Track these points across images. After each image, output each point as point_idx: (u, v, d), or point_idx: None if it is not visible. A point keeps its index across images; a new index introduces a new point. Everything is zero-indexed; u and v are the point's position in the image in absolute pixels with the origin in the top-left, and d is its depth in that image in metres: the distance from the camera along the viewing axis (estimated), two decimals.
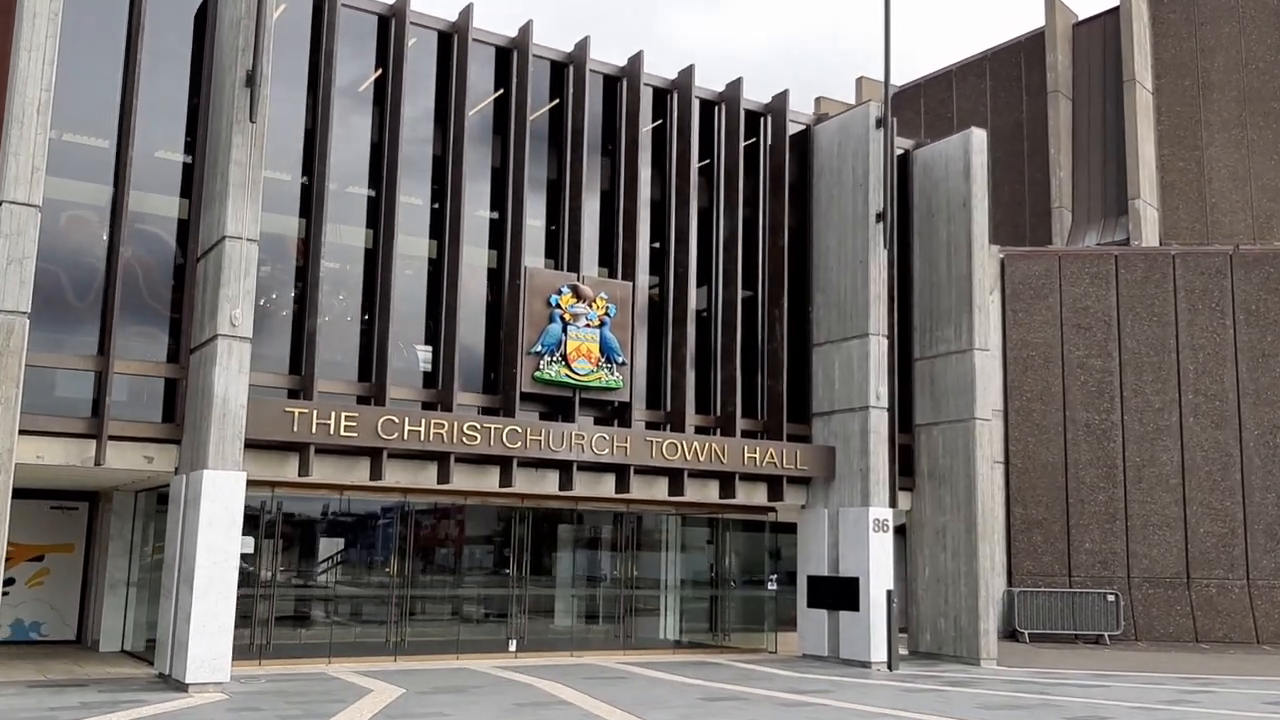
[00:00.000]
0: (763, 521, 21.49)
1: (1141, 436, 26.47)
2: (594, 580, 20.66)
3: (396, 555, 17.88)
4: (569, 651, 18.70)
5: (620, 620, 20.01)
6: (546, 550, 19.83)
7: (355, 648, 17.03)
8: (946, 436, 20.59)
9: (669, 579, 21.83)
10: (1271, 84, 34.27)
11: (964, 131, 20.89)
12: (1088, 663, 20.70)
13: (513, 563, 18.78)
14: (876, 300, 19.46)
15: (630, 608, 20.09)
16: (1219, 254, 27.26)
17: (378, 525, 18.06)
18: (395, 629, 17.46)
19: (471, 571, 19.27)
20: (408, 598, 17.84)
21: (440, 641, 17.88)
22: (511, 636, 18.45)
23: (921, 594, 20.85)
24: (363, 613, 17.90)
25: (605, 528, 20.36)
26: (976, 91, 37.95)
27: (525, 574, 18.91)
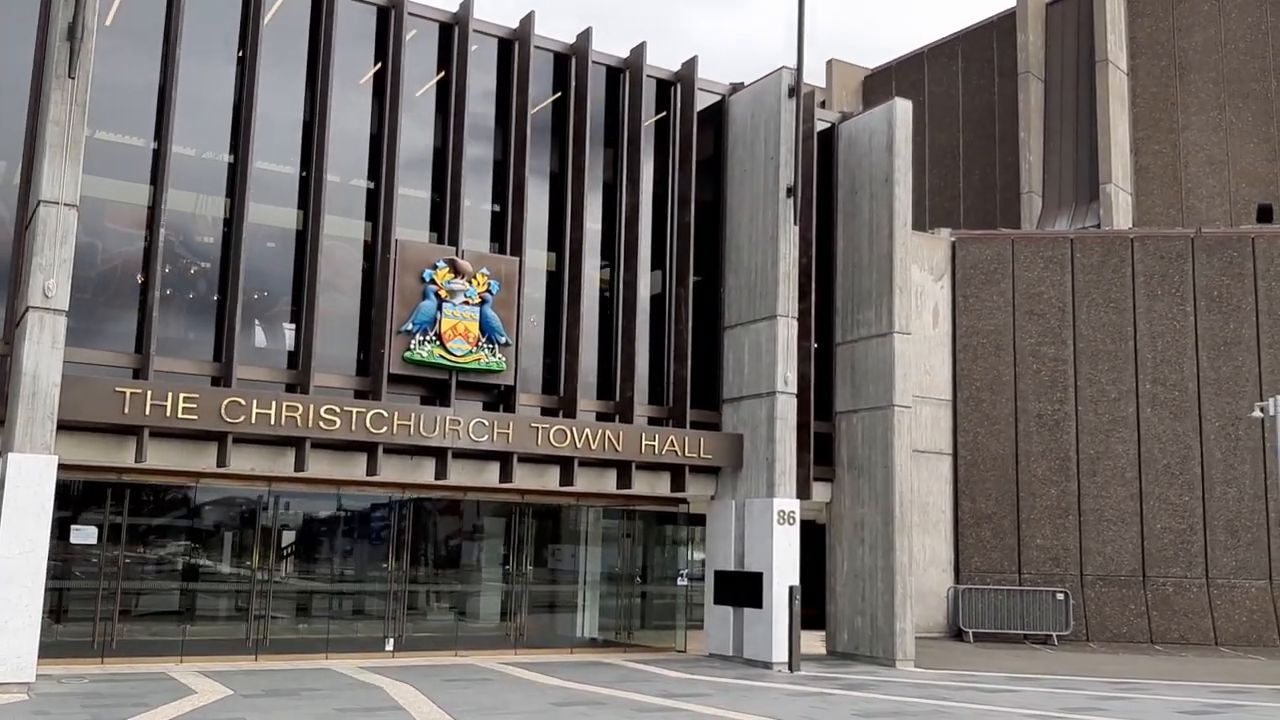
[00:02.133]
0: (676, 514, 20.08)
1: (1096, 428, 24.85)
2: (487, 576, 19.31)
3: (260, 546, 16.58)
4: (454, 651, 17.34)
5: (514, 619, 18.65)
6: (432, 543, 18.51)
7: (212, 646, 15.74)
8: (866, 425, 19.12)
9: (578, 574, 20.46)
10: (1251, 64, 32.44)
11: (887, 103, 19.37)
12: (1019, 665, 19.17)
13: (391, 556, 17.46)
14: (785, 280, 17.99)
15: (525, 605, 18.73)
16: (1180, 237, 25.56)
17: (240, 514, 16.78)
18: (257, 626, 16.17)
19: (347, 565, 17.97)
20: (271, 592, 16.53)
21: (309, 640, 16.56)
22: (389, 635, 17.11)
23: (839, 590, 19.40)
24: (220, 608, 16.64)
25: (501, 520, 19.01)
26: (948, 73, 36.29)
27: (406, 569, 17.58)
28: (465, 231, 16.96)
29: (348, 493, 17.17)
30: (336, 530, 17.95)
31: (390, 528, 17.51)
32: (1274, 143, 31.98)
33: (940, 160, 36.01)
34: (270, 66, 15.81)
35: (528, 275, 17.52)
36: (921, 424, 24.95)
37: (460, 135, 16.86)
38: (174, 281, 15.26)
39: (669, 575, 20.39)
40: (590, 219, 18.00)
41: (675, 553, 20.25)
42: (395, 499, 17.41)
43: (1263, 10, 32.53)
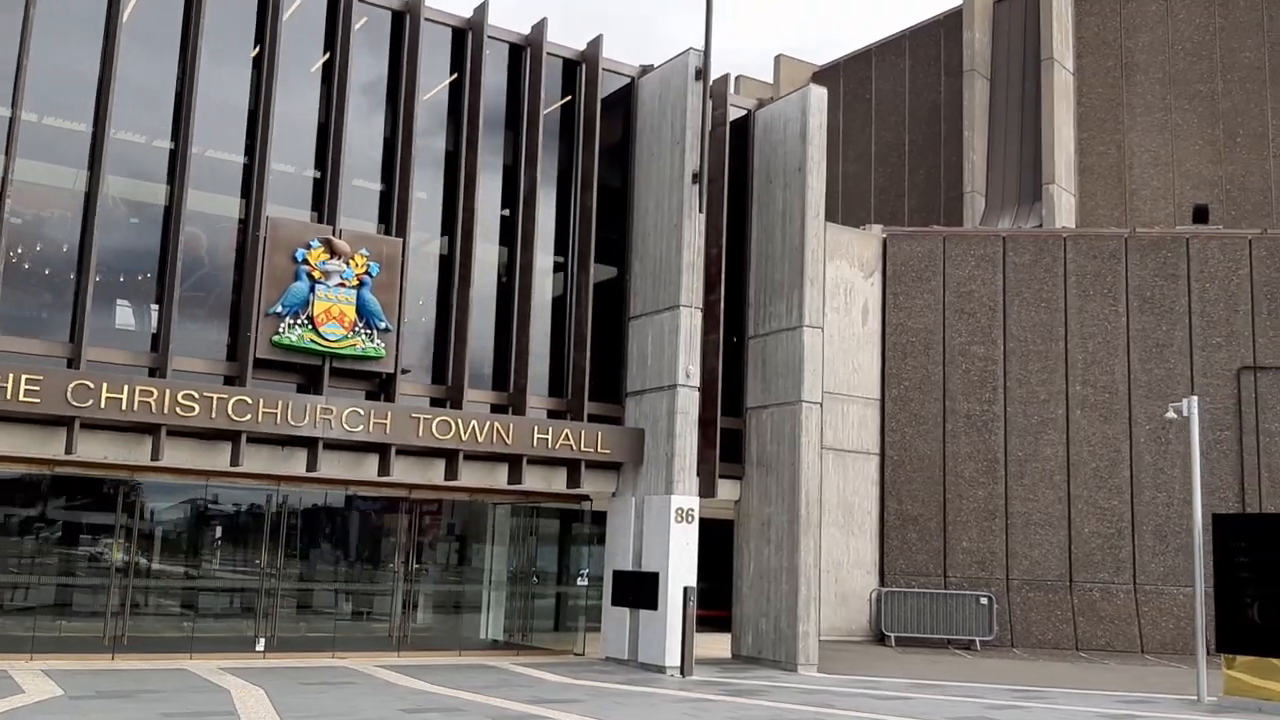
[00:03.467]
0: (581, 511, 19.17)
1: (1025, 429, 24.10)
2: (371, 574, 18.35)
3: (123, 539, 15.57)
4: (331, 653, 16.35)
5: (400, 619, 17.69)
6: (313, 539, 17.54)
7: (65, 644, 14.72)
8: (775, 421, 18.27)
9: (481, 573, 19.56)
10: (1198, 66, 31.79)
11: (802, 89, 18.53)
12: (929, 670, 18.35)
13: (265, 551, 16.46)
14: (689, 269, 17.11)
15: (413, 605, 17.77)
16: (1113, 237, 24.83)
17: (100, 504, 15.76)
18: (115, 624, 15.14)
19: (218, 560, 16.98)
20: (132, 588, 15.52)
21: (171, 639, 15.55)
22: (260, 635, 16.11)
23: (745, 592, 18.53)
24: (79, 604, 15.61)
25: (390, 516, 18.06)
26: (895, 71, 35.51)
27: (281, 565, 16.59)
28: (351, 212, 16.01)
29: (220, 484, 16.17)
30: (209, 522, 16.95)
31: (265, 521, 16.50)
32: (1219, 145, 31.35)
33: (886, 158, 35.24)
34: (136, 34, 14.82)
35: (419, 259, 16.60)
36: (849, 423, 24.18)
37: (342, 111, 15.91)
38: (25, 258, 14.24)
39: (573, 575, 19.48)
40: (485, 201, 17.07)
41: (580, 552, 19.33)
42: (272, 491, 16.41)
43: (1210, 12, 31.89)
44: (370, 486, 16.90)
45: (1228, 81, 31.51)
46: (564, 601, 19.35)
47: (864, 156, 35.80)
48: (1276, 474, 23.33)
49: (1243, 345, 23.78)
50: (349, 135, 15.98)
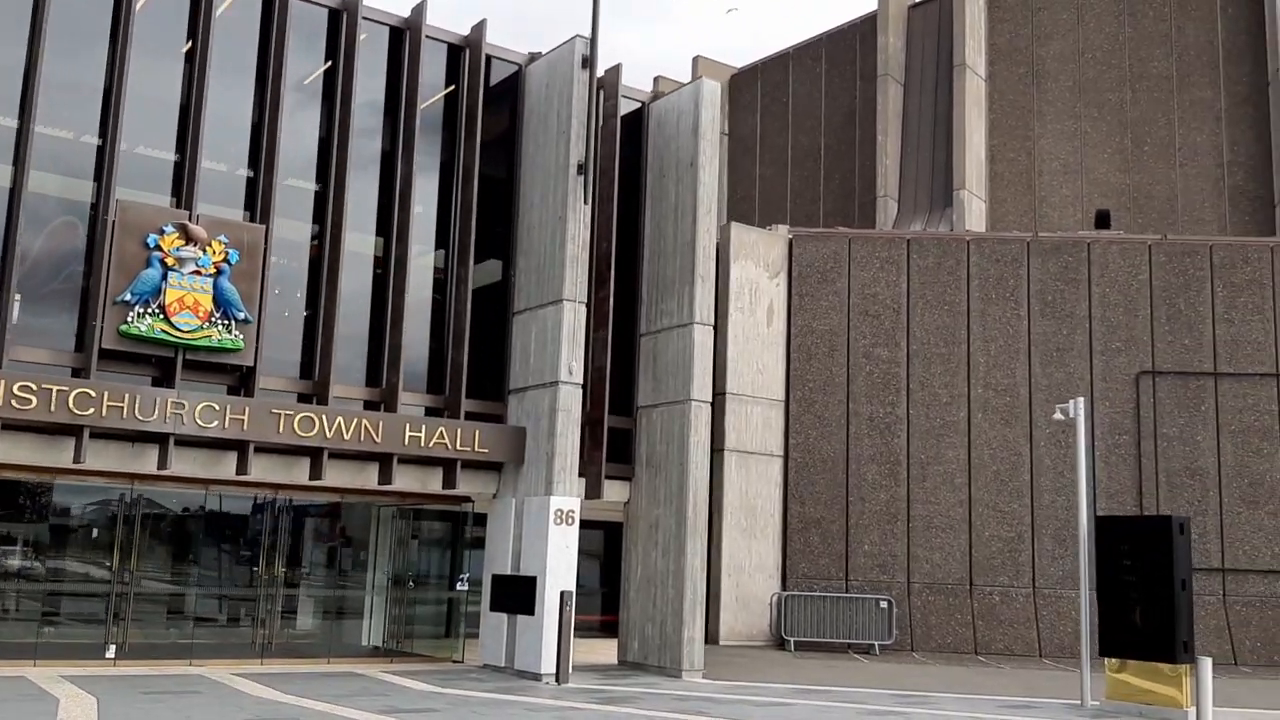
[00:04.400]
0: (464, 513, 18.40)
1: (927, 432, 23.79)
2: (237, 578, 17.43)
3: None
4: (188, 661, 15.40)
5: (265, 625, 16.78)
6: (172, 539, 16.60)
7: None
8: (665, 421, 17.67)
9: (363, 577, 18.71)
10: (1108, 74, 31.91)
11: (695, 82, 17.99)
12: (820, 675, 17.85)
13: (116, 553, 15.47)
14: (573, 262, 16.46)
15: (278, 610, 16.88)
16: (1016, 241, 24.66)
17: None
18: None
19: (67, 562, 15.95)
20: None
21: (15, 645, 14.50)
22: (110, 642, 15.12)
23: (632, 596, 17.90)
24: None
25: (256, 516, 17.16)
26: (812, 75, 35.26)
27: (134, 568, 15.61)
28: (215, 198, 15.13)
29: (70, 482, 15.17)
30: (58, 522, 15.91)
31: (118, 521, 15.51)
32: (1126, 153, 31.47)
33: (802, 162, 34.96)
34: None
35: (288, 248, 15.76)
36: (752, 425, 23.70)
37: (202, 92, 15.03)
38: None
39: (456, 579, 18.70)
40: (359, 190, 16.28)
41: (463, 556, 18.55)
42: (125, 490, 15.44)
43: (1119, 21, 32.04)
44: (232, 486, 15.98)
45: (1136, 90, 31.67)
46: (446, 607, 18.56)
47: (781, 160, 35.48)
48: (1174, 478, 23.27)
49: (1142, 350, 23.70)
50: (211, 117, 15.10)
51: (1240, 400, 23.34)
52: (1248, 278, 23.73)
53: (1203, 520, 23.07)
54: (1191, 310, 23.71)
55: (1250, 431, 23.23)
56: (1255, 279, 23.71)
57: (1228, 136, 30.91)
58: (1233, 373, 23.43)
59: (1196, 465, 23.23)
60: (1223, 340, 23.54)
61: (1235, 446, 23.20)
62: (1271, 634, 22.58)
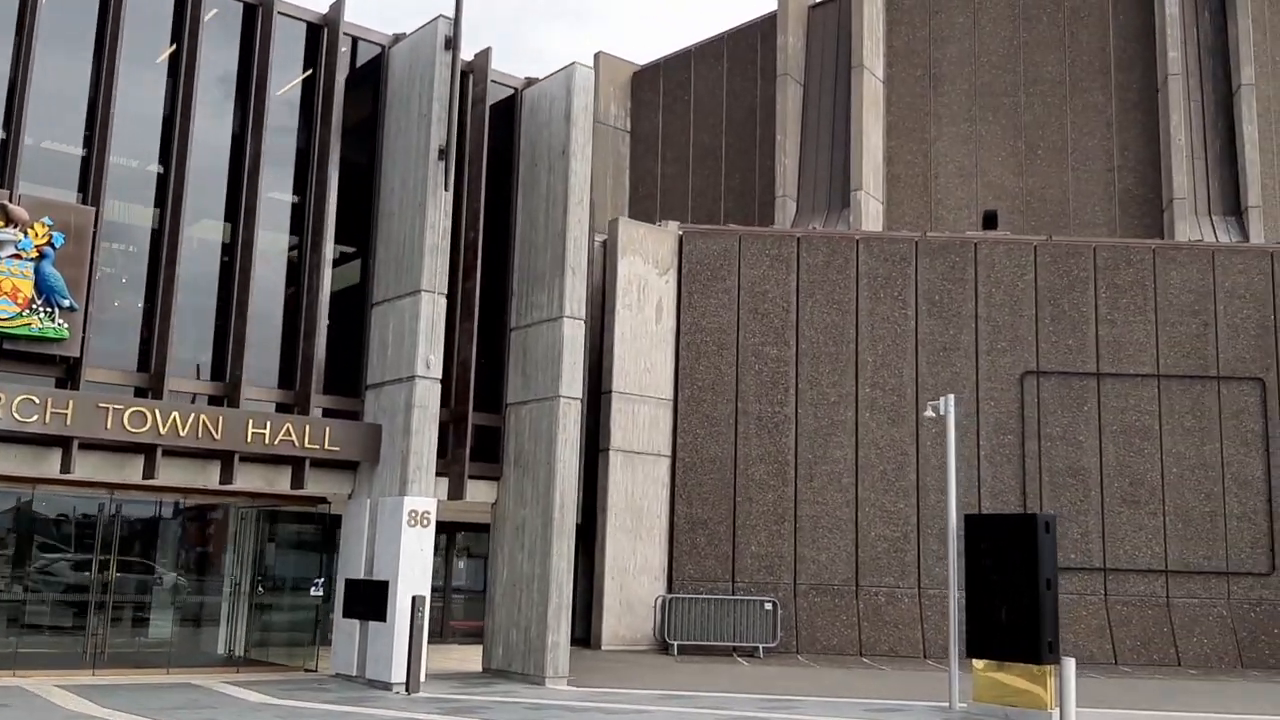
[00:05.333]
0: (322, 515, 17.47)
1: (815, 431, 23.41)
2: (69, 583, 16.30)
3: None
4: (12, 671, 14.24)
5: (97, 633, 15.67)
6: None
7: None
8: (534, 418, 16.94)
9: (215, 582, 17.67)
10: (1003, 79, 31.96)
11: (567, 68, 17.31)
12: (692, 680, 17.27)
13: None
14: (433, 251, 15.67)
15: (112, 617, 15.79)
16: (904, 240, 24.43)
17: None
18: None
19: None
20: None
21: None
22: None
23: (498, 601, 17.12)
24: None
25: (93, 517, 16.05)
26: (714, 74, 34.84)
27: None
28: (39, 177, 14.03)
29: None
30: None
31: None
32: (1020, 156, 31.55)
33: (704, 161, 34.52)
34: None
35: (123, 232, 14.72)
36: (639, 424, 23.09)
37: (28, 63, 13.94)
38: None
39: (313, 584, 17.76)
40: (205, 172, 15.29)
41: (320, 559, 17.62)
42: None
43: (1015, 26, 32.14)
44: (60, 485, 14.87)
45: (1030, 95, 31.78)
46: (304, 613, 17.59)
47: (683, 158, 34.99)
48: (1057, 478, 23.20)
49: (1026, 350, 23.61)
50: (38, 91, 14.02)
51: (1122, 400, 23.37)
52: (1130, 279, 23.79)
53: (1084, 520, 23.05)
54: (1075, 311, 23.69)
55: (1131, 432, 23.26)
56: (1137, 280, 23.77)
57: (1118, 141, 31.16)
58: (1114, 373, 23.45)
59: (1079, 465, 23.19)
60: (1105, 341, 23.56)
61: (1116, 447, 23.21)
62: (1151, 634, 22.61)
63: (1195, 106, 31.03)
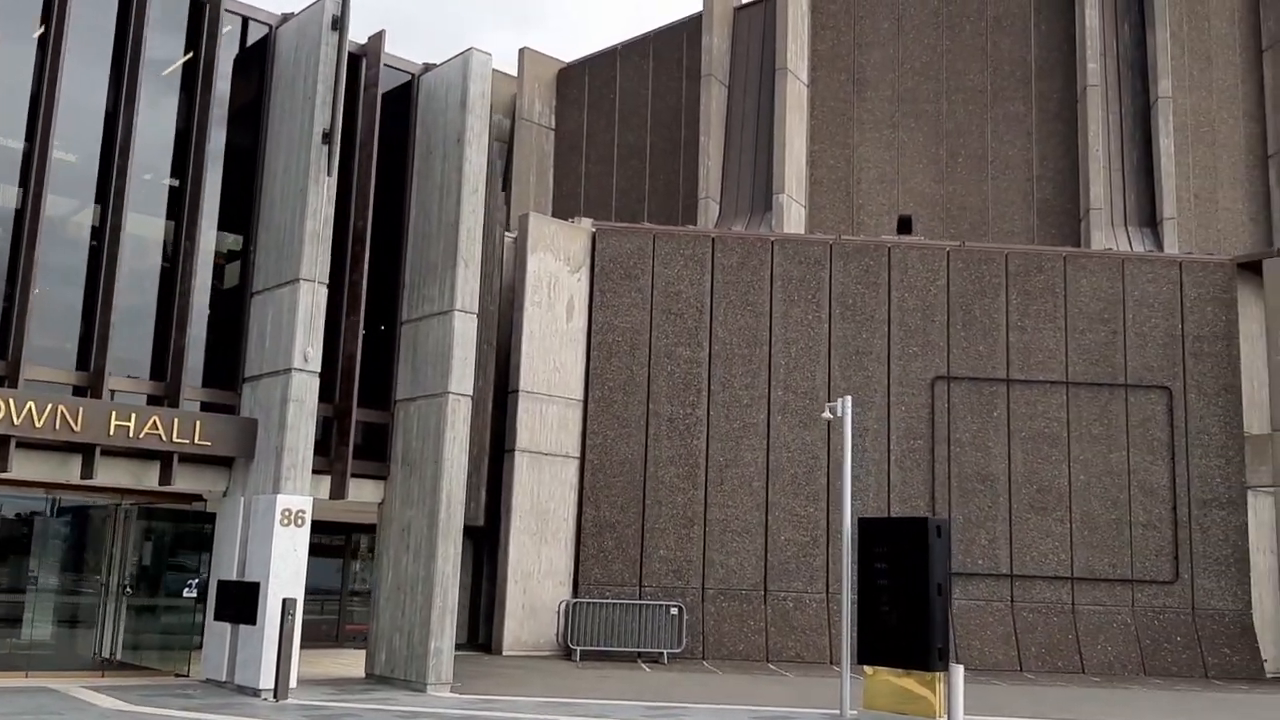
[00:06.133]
0: (199, 513, 16.67)
1: (727, 434, 23.03)
2: None
3: None
4: None
5: None
6: None
7: None
8: (422, 414, 16.31)
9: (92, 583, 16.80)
10: (925, 85, 31.95)
11: (464, 53, 16.74)
12: (589, 687, 16.73)
13: None
14: (314, 239, 15.00)
15: None
16: (819, 243, 24.18)
17: None
18: None
19: None
20: None
21: None
22: None
23: (382, 605, 16.45)
24: None
25: None
26: (639, 73, 34.45)
27: None
28: None
29: None
30: None
31: None
32: (941, 164, 31.54)
33: (628, 161, 34.10)
34: None
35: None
36: (547, 425, 22.54)
37: None
38: None
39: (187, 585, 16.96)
40: (68, 149, 14.47)
41: (196, 559, 16.82)
42: None
43: (938, 33, 32.16)
44: None
45: (952, 102, 31.80)
46: (177, 616, 16.79)
47: (607, 157, 34.54)
48: (966, 483, 23.06)
49: (938, 355, 23.46)
50: None
51: (1031, 407, 23.30)
52: (1041, 286, 23.75)
53: (992, 526, 22.93)
54: (986, 317, 23.60)
55: (1040, 438, 23.20)
56: (1048, 287, 23.74)
57: (1038, 150, 31.28)
58: (1024, 379, 23.38)
59: (988, 471, 23.07)
60: (1015, 347, 23.49)
61: (1025, 453, 23.14)
62: (1056, 640, 22.52)
63: (1114, 118, 31.25)
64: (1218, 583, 22.91)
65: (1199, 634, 22.67)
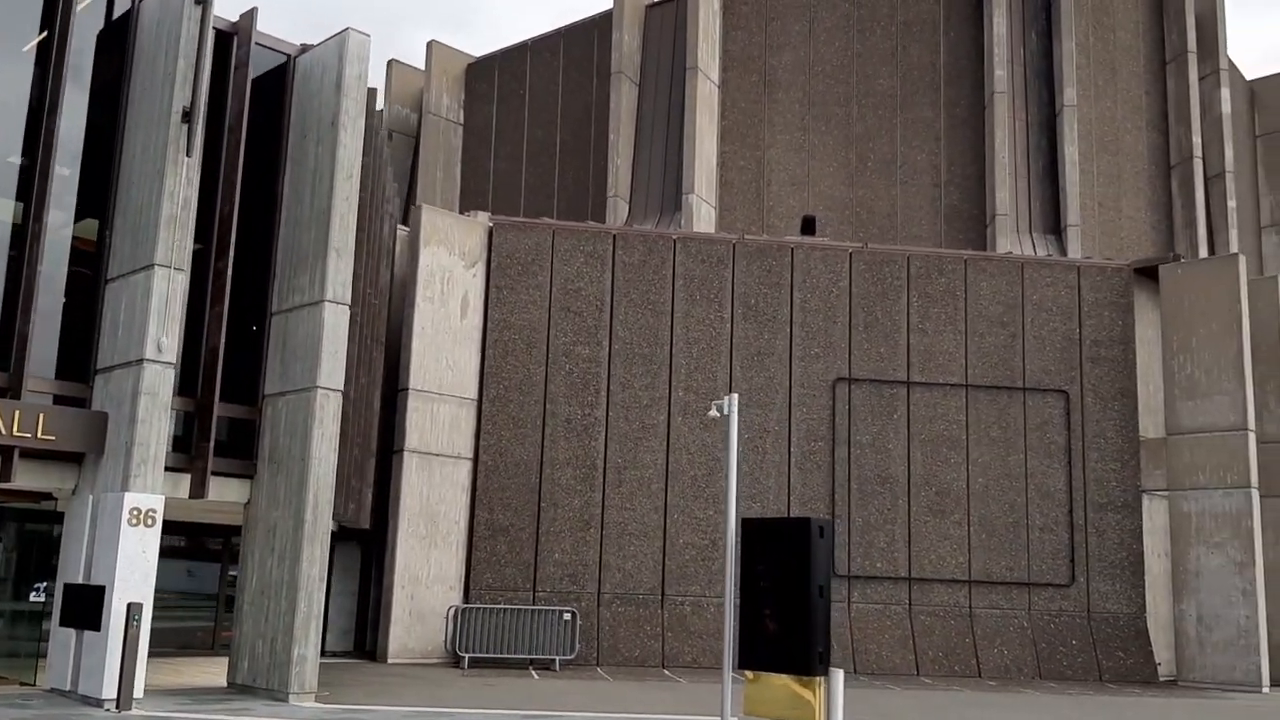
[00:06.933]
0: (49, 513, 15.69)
1: (626, 435, 22.53)
2: None
3: None
4: None
5: None
6: None
7: None
8: (290, 410, 15.52)
9: None
10: (836, 89, 31.87)
11: (341, 33, 16.03)
12: (470, 696, 16.06)
13: None
14: (170, 223, 14.16)
15: None
16: (722, 242, 23.84)
17: None
18: None
19: None
20: None
21: None
22: None
23: (246, 610, 15.61)
24: None
25: None
26: (550, 69, 33.90)
27: None
28: None
29: None
30: None
31: None
32: (851, 168, 31.47)
33: (538, 157, 33.51)
34: None
35: None
36: (439, 425, 21.82)
37: None
38: None
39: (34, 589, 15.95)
40: None
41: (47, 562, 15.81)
42: None
43: (849, 37, 32.11)
44: None
45: (862, 106, 31.76)
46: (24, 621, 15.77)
47: (516, 154, 33.92)
48: (866, 485, 22.86)
49: (839, 356, 23.25)
50: None
51: (931, 409, 23.20)
52: (942, 289, 23.69)
53: (891, 529, 22.76)
54: (888, 319, 23.46)
55: (939, 441, 23.11)
56: (949, 290, 23.69)
57: (946, 156, 31.37)
58: (924, 382, 23.28)
59: (888, 473, 22.91)
60: (916, 349, 23.38)
61: (924, 455, 23.02)
62: (953, 644, 22.40)
63: (1020, 125, 31.48)
64: (1113, 586, 23.01)
65: (1094, 637, 22.73)
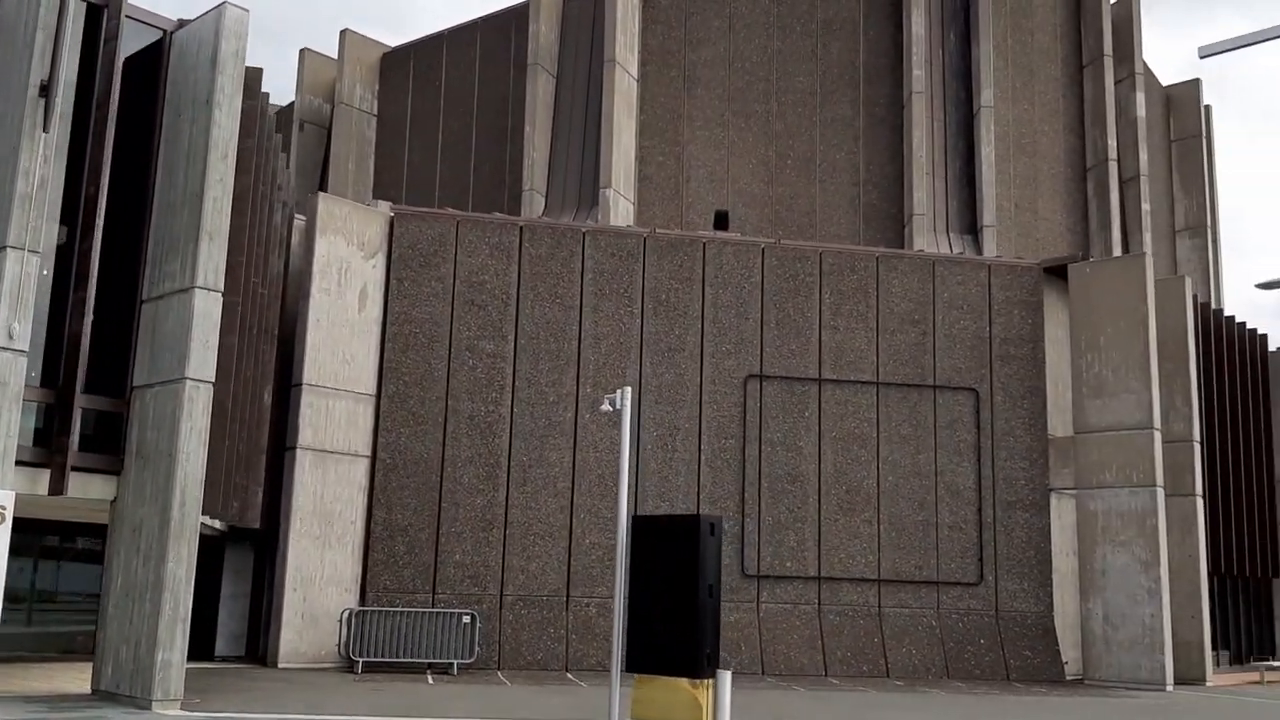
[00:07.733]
0: None
1: (531, 433, 21.94)
2: None
3: None
4: None
5: None
6: None
7: None
8: (159, 402, 14.69)
9: None
10: (756, 85, 31.60)
11: (216, 8, 15.25)
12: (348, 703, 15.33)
13: None
14: (25, 202, 13.28)
15: None
16: (632, 235, 23.37)
17: None
18: None
19: None
20: None
21: None
22: None
23: (111, 613, 14.75)
24: None
25: None
26: (466, 60, 33.20)
27: None
28: None
29: None
30: None
31: None
32: (770, 165, 31.22)
33: (453, 148, 32.78)
34: None
35: None
36: (334, 421, 21.04)
37: None
38: None
39: None
40: None
41: None
42: None
43: (769, 34, 31.88)
44: None
45: (782, 104, 31.54)
46: None
47: (431, 146, 33.16)
48: (777, 484, 22.54)
49: (751, 353, 22.92)
50: None
51: (842, 407, 22.97)
52: (854, 285, 23.48)
53: (801, 528, 22.47)
54: (800, 315, 23.19)
55: (850, 439, 22.88)
56: (860, 287, 23.49)
57: (865, 155, 31.27)
58: (836, 379, 23.04)
59: (799, 471, 22.62)
60: (828, 346, 23.14)
61: (835, 453, 22.78)
62: (862, 644, 22.17)
63: (938, 125, 31.51)
64: (1021, 585, 22.96)
65: (1002, 636, 22.66)
